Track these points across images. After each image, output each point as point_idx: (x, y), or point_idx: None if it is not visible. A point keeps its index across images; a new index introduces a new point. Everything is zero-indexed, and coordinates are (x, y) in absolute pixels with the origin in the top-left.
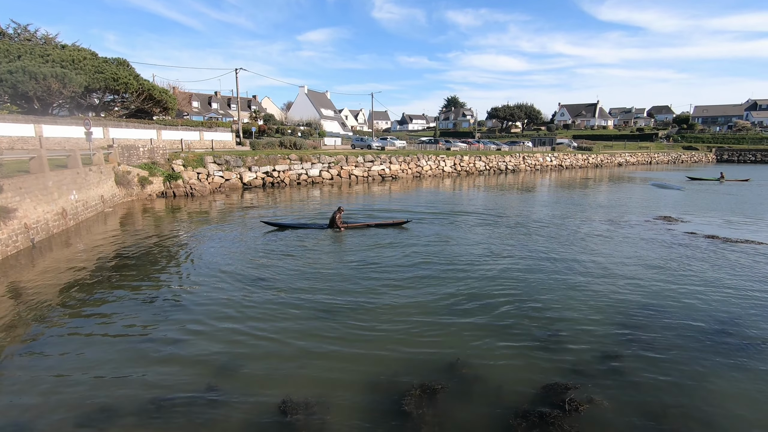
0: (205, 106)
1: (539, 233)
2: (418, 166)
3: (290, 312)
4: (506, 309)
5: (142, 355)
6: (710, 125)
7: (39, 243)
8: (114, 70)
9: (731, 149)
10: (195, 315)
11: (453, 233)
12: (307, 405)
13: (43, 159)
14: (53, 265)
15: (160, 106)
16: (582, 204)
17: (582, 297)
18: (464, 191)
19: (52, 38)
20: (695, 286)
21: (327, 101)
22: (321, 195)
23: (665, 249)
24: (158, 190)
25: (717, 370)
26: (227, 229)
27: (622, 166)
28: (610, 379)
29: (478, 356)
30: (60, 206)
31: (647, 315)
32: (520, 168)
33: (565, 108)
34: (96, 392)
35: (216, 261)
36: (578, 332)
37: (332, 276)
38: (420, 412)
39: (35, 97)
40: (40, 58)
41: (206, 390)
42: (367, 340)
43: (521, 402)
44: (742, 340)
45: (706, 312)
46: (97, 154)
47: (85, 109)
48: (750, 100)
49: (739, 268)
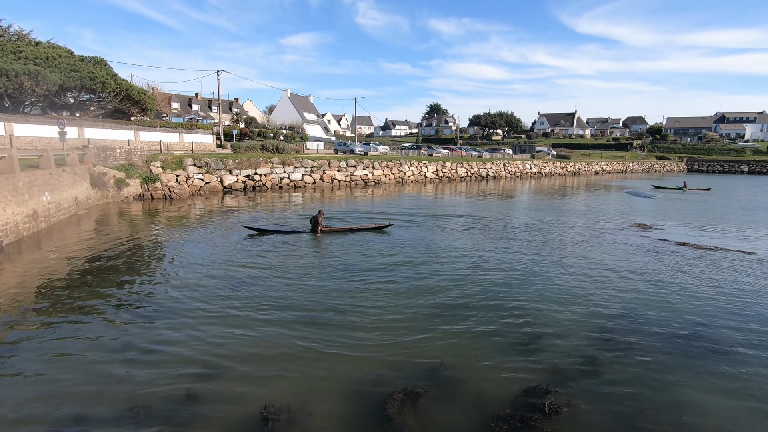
0: (185, 107)
1: (519, 239)
2: (400, 172)
3: (271, 317)
4: (487, 314)
5: (117, 362)
6: (682, 136)
7: (7, 246)
8: (90, 68)
9: (701, 159)
10: (172, 321)
11: (434, 238)
12: (289, 410)
13: (13, 159)
14: (22, 268)
15: (138, 107)
16: (560, 211)
17: (561, 302)
18: (446, 197)
19: (25, 35)
20: (670, 292)
21: (310, 105)
22: (303, 199)
23: (640, 256)
24: (135, 193)
25: (690, 373)
26: (206, 234)
27: (598, 174)
28: (588, 383)
29: (460, 360)
30: (31, 208)
31: (624, 320)
32: (500, 175)
33: (545, 117)
34: (69, 401)
35: (195, 266)
36: (557, 337)
37: (313, 281)
38: (403, 416)
39: (6, 94)
40: (12, 54)
41: (185, 396)
42: (348, 345)
43: (503, 405)
44: (714, 345)
45: (680, 317)
46: (72, 155)
47: (60, 108)
48: (718, 113)
49: (708, 274)
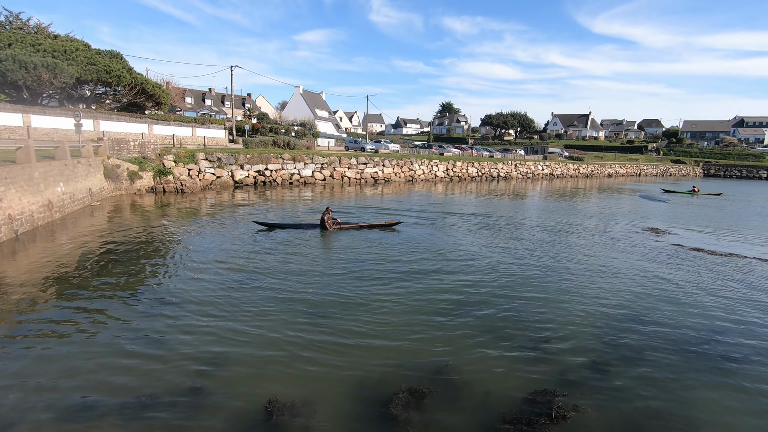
0: (198, 102)
1: (530, 241)
2: (410, 170)
3: (278, 312)
4: (496, 315)
5: (126, 352)
6: (698, 140)
7: (23, 235)
8: (107, 62)
9: (718, 164)
10: (181, 313)
11: (444, 237)
12: (293, 406)
13: (30, 149)
14: (36, 257)
15: (152, 101)
16: (572, 214)
17: (571, 306)
18: (456, 196)
19: (44, 28)
20: (682, 299)
21: (322, 102)
22: (313, 195)
23: (653, 261)
24: (148, 185)
25: (702, 381)
26: (217, 228)
27: (612, 176)
28: (597, 388)
29: (467, 361)
30: (46, 198)
31: (635, 325)
32: (511, 175)
33: (558, 118)
34: (77, 389)
35: (204, 259)
36: (566, 340)
37: (321, 277)
38: (407, 415)
39: (24, 86)
40: (31, 47)
41: (190, 389)
42: (355, 342)
43: (509, 408)
44: (727, 352)
45: (692, 324)
46: (87, 147)
47: (76, 100)
48: (737, 117)
49: (723, 281)
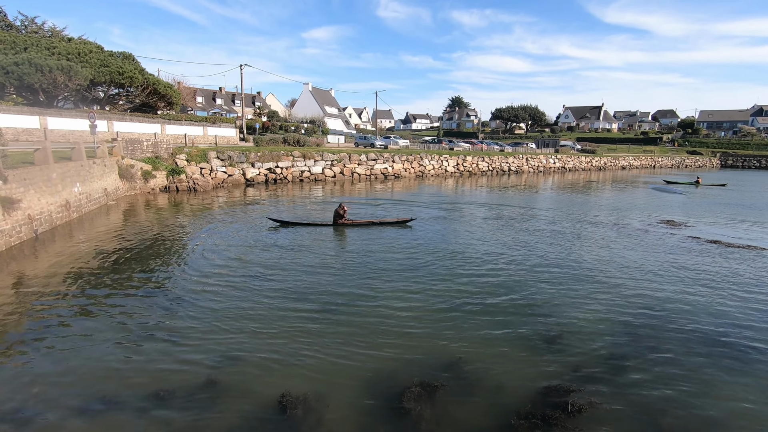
0: (209, 101)
1: (543, 235)
2: (421, 166)
3: (291, 308)
4: (509, 309)
5: (143, 348)
6: (715, 130)
7: (42, 234)
8: (119, 63)
9: (736, 155)
10: (196, 309)
11: (455, 232)
12: (306, 400)
13: (47, 151)
14: (56, 256)
15: (164, 101)
16: (585, 207)
17: (585, 300)
18: (467, 191)
19: (59, 31)
20: (699, 292)
21: (331, 99)
22: (323, 192)
23: (669, 254)
24: (161, 185)
25: (720, 376)
26: (230, 225)
27: (625, 169)
28: (612, 383)
29: (480, 355)
30: (63, 198)
31: (651, 319)
32: (523, 169)
33: (570, 110)
34: (95, 384)
35: (218, 256)
36: (581, 335)
37: (334, 273)
38: (419, 409)
39: (41, 89)
40: (47, 50)
41: (206, 383)
42: (367, 336)
43: (523, 403)
44: (745, 347)
45: (709, 318)
46: (101, 147)
47: (90, 102)
48: (756, 106)
49: (741, 275)
